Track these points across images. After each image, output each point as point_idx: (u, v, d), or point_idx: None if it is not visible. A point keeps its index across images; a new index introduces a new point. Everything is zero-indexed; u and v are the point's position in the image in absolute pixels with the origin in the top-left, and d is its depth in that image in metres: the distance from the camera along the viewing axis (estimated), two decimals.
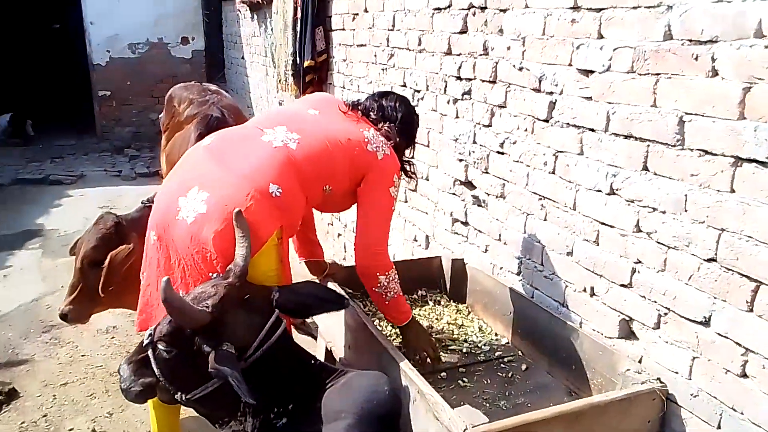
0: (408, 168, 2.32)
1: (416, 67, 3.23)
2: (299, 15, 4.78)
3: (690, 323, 1.76)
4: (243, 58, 7.95)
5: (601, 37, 2.00)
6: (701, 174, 1.68)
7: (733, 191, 1.59)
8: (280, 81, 5.48)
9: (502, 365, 2.34)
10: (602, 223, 2.07)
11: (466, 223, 2.93)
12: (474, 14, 2.69)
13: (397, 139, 2.22)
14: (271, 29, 5.81)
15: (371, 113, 2.23)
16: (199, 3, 8.96)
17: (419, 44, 3.17)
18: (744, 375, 1.62)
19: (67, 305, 2.58)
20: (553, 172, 2.29)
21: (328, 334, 2.42)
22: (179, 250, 1.89)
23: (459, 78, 2.84)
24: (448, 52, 2.90)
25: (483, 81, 2.67)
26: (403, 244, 3.62)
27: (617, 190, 1.99)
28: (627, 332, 2.04)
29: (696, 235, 1.71)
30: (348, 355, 2.22)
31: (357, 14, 3.96)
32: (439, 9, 2.95)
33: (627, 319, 2.02)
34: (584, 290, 2.20)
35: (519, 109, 2.45)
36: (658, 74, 1.79)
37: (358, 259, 2.15)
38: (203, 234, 1.83)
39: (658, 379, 1.86)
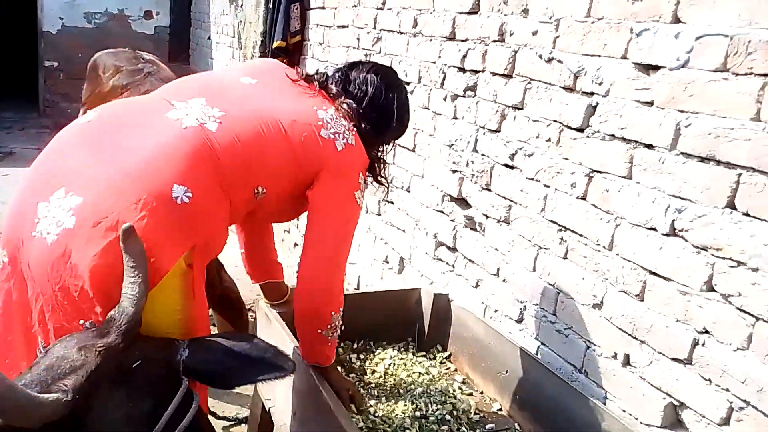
0: (377, 168, 1.70)
1: (408, 54, 2.67)
2: None
3: None
4: (209, 38, 7.28)
5: (677, 21, 1.47)
6: None
7: None
8: None
9: None
10: (653, 273, 1.53)
11: (453, 249, 2.37)
12: None
13: (363, 126, 1.61)
14: (242, 5, 5.19)
15: (332, 86, 1.64)
16: None
17: (414, 26, 2.61)
18: None
19: None
20: (584, 198, 1.74)
21: (267, 390, 1.80)
22: (37, 280, 1.26)
23: (462, 69, 2.29)
24: (451, 37, 2.35)
25: (494, 74, 2.12)
26: (372, 265, 3.04)
27: (681, 230, 1.45)
28: (674, 421, 1.50)
29: None
30: (293, 425, 1.60)
31: None
32: None
33: (677, 404, 1.49)
34: (614, 357, 1.66)
35: (542, 112, 1.90)
36: (767, 75, 1.26)
37: (306, 296, 1.54)
38: (72, 260, 1.20)
39: None
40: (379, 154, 1.70)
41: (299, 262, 1.54)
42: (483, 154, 2.19)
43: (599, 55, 1.69)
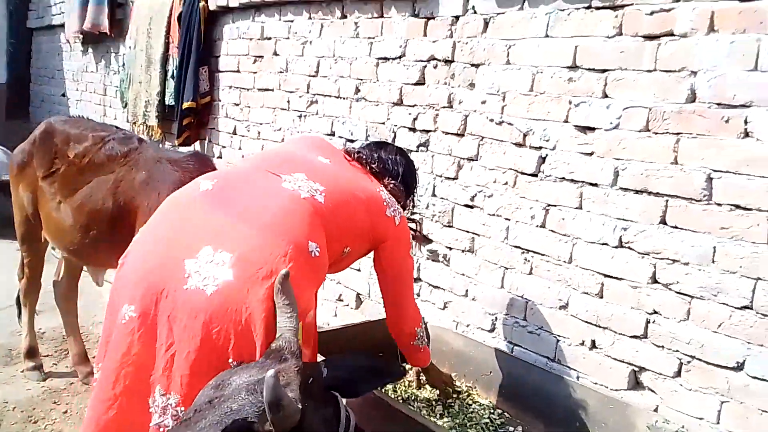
0: (414, 228, 2.16)
1: (351, 115, 3.08)
2: (173, 52, 4.35)
3: (719, 369, 1.84)
4: (64, 95, 6.96)
5: (605, 96, 2.08)
6: (733, 227, 1.79)
7: None
8: (135, 123, 4.88)
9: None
10: (607, 276, 2.10)
11: (417, 279, 2.80)
12: (435, 67, 2.65)
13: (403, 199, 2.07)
14: (123, 65, 5.18)
15: (372, 165, 2.03)
16: (5, 33, 7.71)
17: (356, 92, 3.04)
18: None
19: None
20: (543, 226, 2.29)
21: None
22: (179, 329, 1.47)
23: (413, 129, 2.76)
24: (399, 103, 2.82)
25: (446, 133, 2.62)
26: (322, 305, 3.34)
27: (627, 243, 2.04)
28: (635, 384, 2.07)
29: (727, 284, 1.81)
30: None
31: (261, 57, 3.69)
32: (386, 59, 2.87)
33: (637, 369, 2.05)
34: (582, 344, 2.20)
35: (497, 162, 2.43)
36: (679, 134, 1.90)
37: (398, 325, 2.06)
38: (240, 306, 1.45)
39: (683, 426, 1.90)
40: (407, 212, 2.13)
41: (386, 305, 2.04)
42: (442, 198, 2.66)
43: (544, 119, 2.26)
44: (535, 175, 2.30)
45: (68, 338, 3.28)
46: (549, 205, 2.27)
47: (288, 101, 3.50)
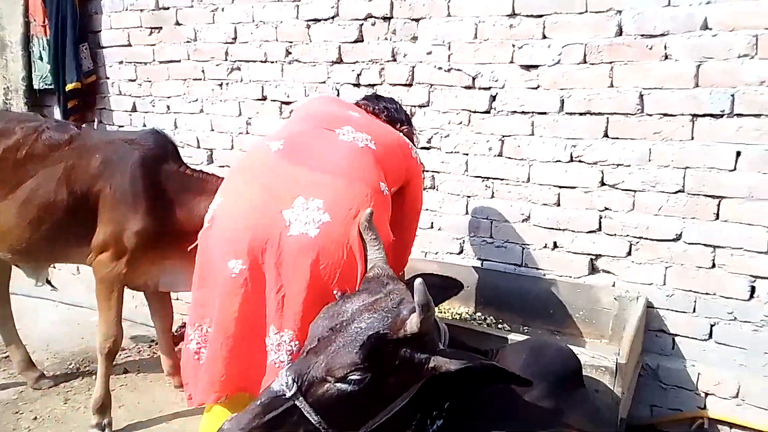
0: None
1: (285, 78, 3.17)
2: (36, 32, 3.97)
3: (662, 243, 2.39)
4: None
5: (545, 37, 2.48)
6: (663, 131, 2.31)
7: (692, 138, 2.27)
8: None
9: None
10: (563, 187, 2.56)
11: None
12: (374, 24, 2.86)
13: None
14: None
15: (383, 114, 2.22)
16: None
17: (287, 55, 3.13)
18: (713, 266, 2.31)
19: None
20: (500, 155, 2.67)
21: None
22: (287, 272, 1.63)
23: (357, 85, 2.96)
24: (338, 61, 2.98)
25: (394, 84, 2.86)
26: None
27: (578, 157, 2.50)
28: (592, 270, 2.57)
29: (662, 177, 2.34)
30: None
31: (159, 28, 3.56)
32: (317, 20, 3.00)
33: (594, 257, 2.55)
34: (545, 246, 2.65)
35: (449, 105, 2.75)
36: (612, 62, 2.37)
37: (403, 263, 2.22)
38: (339, 243, 1.63)
39: (638, 293, 2.44)
40: None
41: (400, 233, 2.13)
42: None
43: (491, 63, 2.61)
44: (488, 112, 2.66)
45: (8, 347, 3.03)
46: (504, 136, 2.65)
47: (203, 71, 3.45)
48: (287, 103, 3.19)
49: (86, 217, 2.50)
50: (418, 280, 1.40)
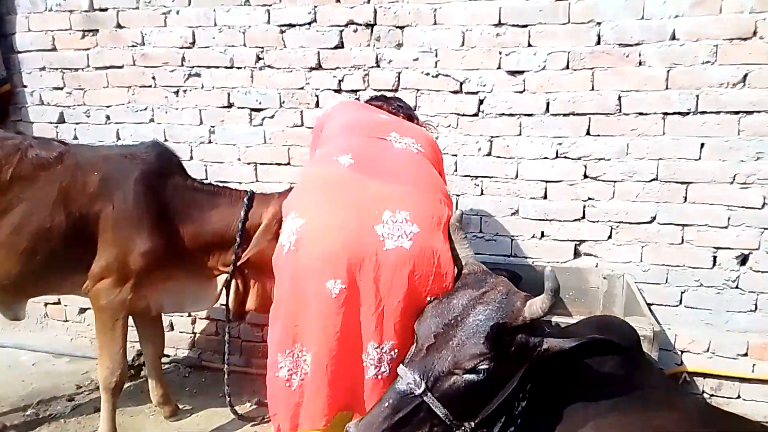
0: None
1: (255, 84, 3.08)
2: None
3: (639, 225, 2.74)
4: None
5: (530, 45, 2.72)
6: (639, 128, 2.66)
7: (664, 134, 2.63)
8: None
9: None
10: (549, 181, 2.81)
11: None
12: (355, 31, 2.90)
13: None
14: None
15: (401, 113, 2.30)
16: None
17: (258, 60, 3.05)
18: (682, 242, 2.70)
19: None
20: (489, 155, 2.86)
21: None
22: (385, 286, 1.68)
23: (339, 90, 2.98)
24: (317, 67, 2.98)
25: (379, 90, 2.93)
26: None
27: (563, 153, 2.77)
28: (576, 254, 2.86)
29: (639, 168, 2.69)
30: None
31: (95, 31, 3.26)
32: (292, 25, 2.97)
33: (578, 243, 2.85)
34: (533, 236, 2.89)
35: (437, 109, 2.88)
36: (593, 68, 2.66)
37: None
38: (430, 251, 1.71)
39: (622, 273, 2.77)
40: None
41: None
42: None
43: (479, 69, 2.79)
44: (476, 115, 2.84)
45: None
46: (493, 137, 2.85)
47: (153, 77, 3.23)
48: (258, 110, 3.11)
49: (85, 242, 2.27)
50: (548, 268, 1.55)
